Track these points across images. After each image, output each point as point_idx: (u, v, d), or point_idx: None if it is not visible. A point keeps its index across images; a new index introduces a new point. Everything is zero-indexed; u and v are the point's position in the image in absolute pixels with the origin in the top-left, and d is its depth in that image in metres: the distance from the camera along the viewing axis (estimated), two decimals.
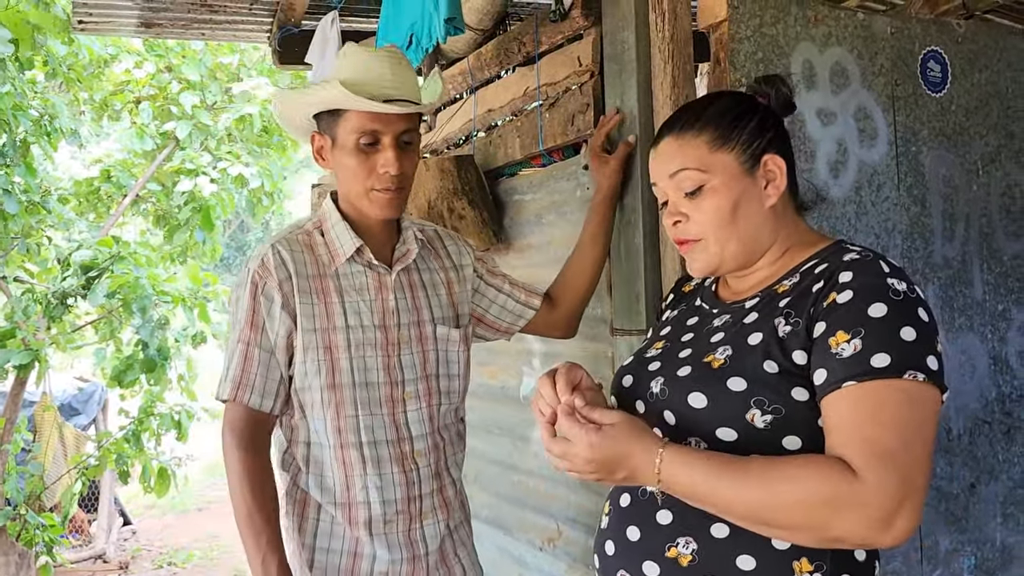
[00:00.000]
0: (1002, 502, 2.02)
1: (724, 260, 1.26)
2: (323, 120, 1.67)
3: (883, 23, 1.93)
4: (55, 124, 5.36)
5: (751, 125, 1.25)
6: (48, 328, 5.43)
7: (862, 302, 1.08)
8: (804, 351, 1.11)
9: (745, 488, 1.05)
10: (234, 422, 1.62)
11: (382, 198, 1.64)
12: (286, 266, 1.63)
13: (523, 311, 1.89)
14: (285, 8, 3.36)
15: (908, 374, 1.04)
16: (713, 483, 1.07)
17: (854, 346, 1.06)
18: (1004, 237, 2.07)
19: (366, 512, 1.65)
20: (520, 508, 2.43)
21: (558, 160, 2.29)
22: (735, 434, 1.13)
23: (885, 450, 1.01)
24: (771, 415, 1.11)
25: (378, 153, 1.62)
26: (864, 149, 1.89)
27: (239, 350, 1.62)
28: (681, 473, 1.09)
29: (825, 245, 1.24)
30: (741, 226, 1.23)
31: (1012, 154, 2.10)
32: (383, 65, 1.63)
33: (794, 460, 1.07)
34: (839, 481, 1.01)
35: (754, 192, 1.24)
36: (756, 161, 1.24)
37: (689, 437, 1.17)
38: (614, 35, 1.96)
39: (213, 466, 9.87)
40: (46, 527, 5.41)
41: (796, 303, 1.16)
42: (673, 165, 1.26)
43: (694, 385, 1.17)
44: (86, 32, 3.95)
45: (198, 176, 6.30)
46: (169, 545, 7.20)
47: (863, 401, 1.04)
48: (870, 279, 1.11)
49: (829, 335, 1.09)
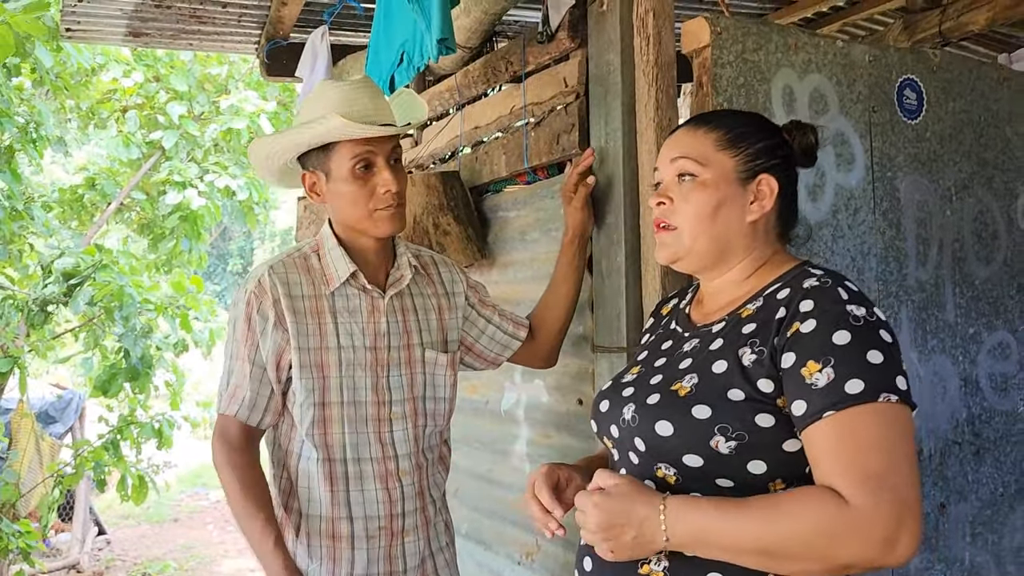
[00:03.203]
0: (971, 522, 2.05)
1: (690, 254, 1.30)
2: (311, 158, 1.72)
3: (861, 51, 1.99)
4: (41, 131, 5.35)
5: (761, 145, 1.30)
6: (28, 335, 5.39)
7: (825, 331, 1.11)
8: (770, 379, 1.14)
9: (750, 527, 1.07)
10: (224, 430, 1.70)
11: (386, 216, 1.70)
12: (281, 287, 1.69)
13: (510, 342, 1.95)
14: (274, 21, 3.38)
15: (882, 397, 1.07)
16: (719, 525, 1.08)
17: (827, 375, 1.08)
18: (976, 261, 2.12)
19: (348, 527, 1.70)
20: (499, 522, 2.45)
21: (543, 178, 2.32)
22: (701, 460, 1.16)
23: (872, 473, 1.04)
24: (735, 441, 1.14)
25: (374, 176, 1.68)
26: (841, 174, 1.93)
27: (235, 367, 1.70)
28: (687, 519, 1.09)
29: (790, 267, 1.28)
30: (717, 227, 1.27)
31: (984, 181, 2.16)
32: (363, 95, 1.70)
33: (789, 495, 1.08)
34: (833, 511, 1.03)
35: (740, 202, 1.28)
36: (752, 176, 1.28)
37: (658, 463, 1.20)
38: (599, 57, 2.00)
39: (190, 476, 9.81)
40: (21, 534, 5.35)
41: (760, 331, 1.19)
42: (677, 151, 1.32)
43: (661, 413, 1.20)
44: (74, 40, 3.96)
45: (186, 188, 6.30)
46: (144, 555, 7.12)
47: (843, 428, 1.07)
48: (829, 306, 1.14)
49: (800, 366, 1.11)
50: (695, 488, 1.17)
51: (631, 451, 1.25)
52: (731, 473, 1.15)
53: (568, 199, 1.96)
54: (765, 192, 1.28)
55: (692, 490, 1.17)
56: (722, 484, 1.16)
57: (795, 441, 1.14)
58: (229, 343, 1.73)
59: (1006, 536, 2.11)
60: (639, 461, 1.24)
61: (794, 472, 1.15)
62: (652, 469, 1.22)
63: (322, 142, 1.68)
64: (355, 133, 1.64)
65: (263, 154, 1.78)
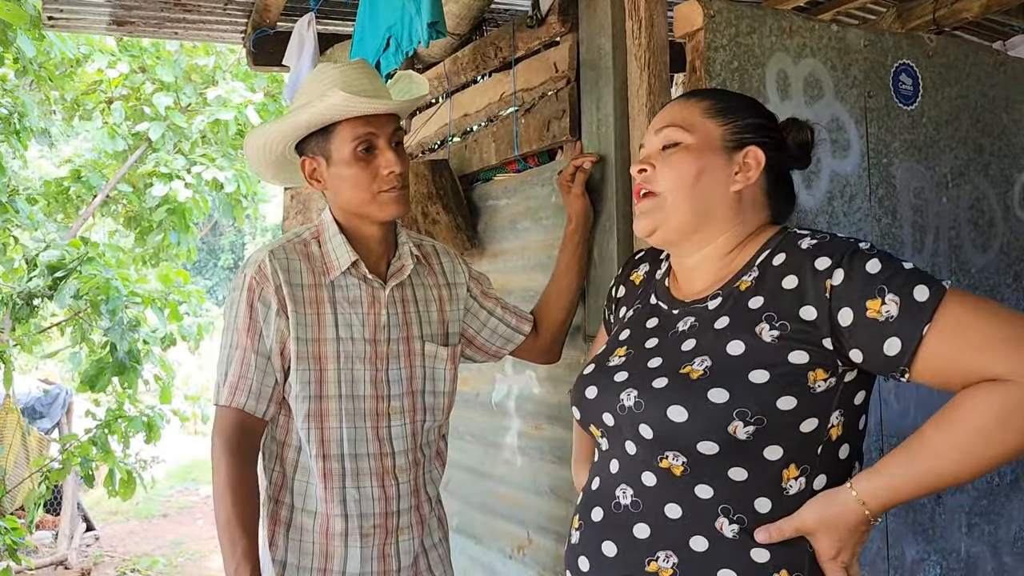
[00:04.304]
0: (967, 512, 2.03)
1: (670, 224, 1.25)
2: (311, 143, 1.67)
3: (856, 36, 1.95)
4: (24, 123, 5.28)
5: (751, 121, 1.27)
6: (13, 329, 5.34)
7: (858, 271, 1.09)
8: (804, 350, 1.10)
9: (935, 462, 1.04)
10: (225, 428, 1.60)
11: (390, 197, 1.64)
12: (282, 273, 1.63)
13: (513, 335, 1.90)
14: (260, 9, 3.33)
15: (945, 283, 1.06)
16: (912, 473, 1.05)
17: (893, 300, 1.06)
18: (972, 249, 2.10)
19: (343, 524, 1.65)
20: (490, 516, 2.41)
21: (534, 166, 2.28)
22: (716, 447, 1.11)
23: (1006, 338, 1.02)
24: (753, 426, 1.09)
25: (376, 157, 1.63)
26: (837, 160, 1.90)
27: (236, 356, 1.62)
28: (877, 484, 1.07)
29: (772, 234, 1.24)
30: (698, 195, 1.23)
31: (980, 168, 2.13)
32: (362, 75, 1.65)
33: (949, 409, 1.04)
34: (1000, 393, 1.00)
35: (724, 171, 1.24)
36: (739, 146, 1.24)
37: (665, 451, 1.15)
38: (591, 42, 1.96)
39: (179, 471, 9.76)
40: (7, 530, 5.30)
41: (773, 303, 1.14)
42: (663, 122, 1.29)
43: (672, 397, 1.14)
44: (56, 29, 3.89)
45: (172, 181, 6.24)
46: (132, 551, 7.07)
47: (948, 327, 1.04)
48: (842, 251, 1.12)
49: (862, 311, 1.07)
50: (703, 478, 1.13)
51: (630, 440, 1.19)
52: (744, 461, 1.11)
53: (566, 188, 1.92)
54: (751, 164, 1.24)
55: (700, 480, 1.13)
56: (734, 476, 1.12)
57: (812, 421, 1.11)
58: (229, 332, 1.65)
59: (1002, 526, 2.09)
60: (640, 450, 1.18)
61: (808, 452, 1.12)
62: (655, 459, 1.16)
63: (323, 121, 1.62)
64: (358, 108, 1.59)
65: (259, 143, 1.71)
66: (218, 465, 1.59)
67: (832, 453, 1.14)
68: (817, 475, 1.13)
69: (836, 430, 1.13)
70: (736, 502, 1.12)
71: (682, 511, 1.15)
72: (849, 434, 1.16)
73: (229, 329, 1.65)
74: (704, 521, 1.13)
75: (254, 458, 1.64)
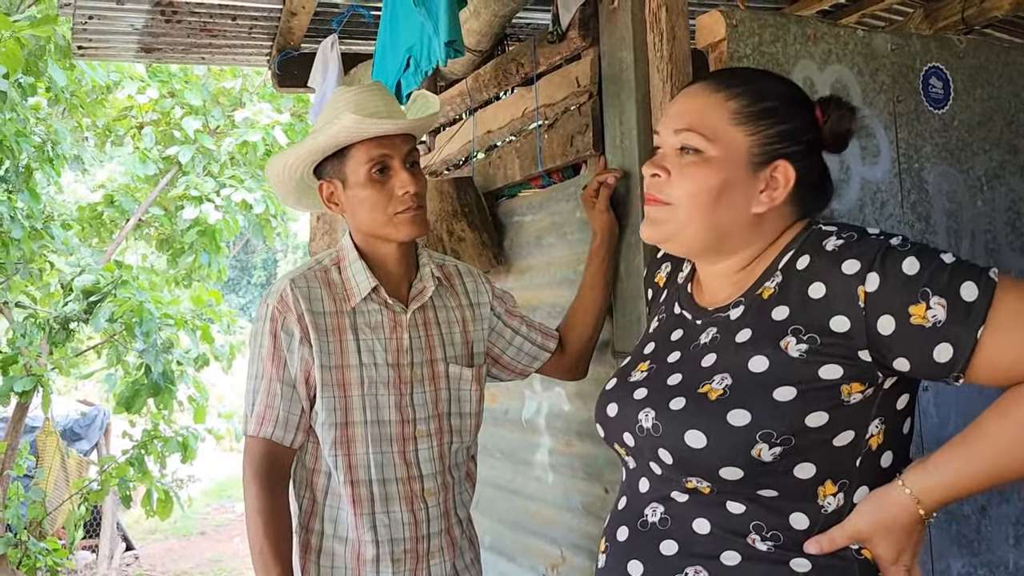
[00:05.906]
0: (1014, 523, 1.97)
1: (681, 238, 1.16)
2: (327, 167, 1.68)
3: (883, 40, 1.92)
4: (58, 150, 5.38)
5: (786, 126, 1.13)
6: (50, 353, 5.43)
7: (894, 273, 1.01)
8: (839, 364, 1.03)
9: (1001, 455, 0.98)
10: (254, 458, 1.62)
11: (406, 219, 1.64)
12: (303, 301, 1.64)
13: (539, 353, 1.89)
14: (284, 32, 3.37)
15: (991, 273, 0.99)
16: (970, 468, 1.00)
17: (939, 303, 0.98)
18: (1010, 252, 2.05)
19: (374, 550, 1.64)
20: (523, 534, 2.39)
21: (558, 181, 2.27)
22: (740, 472, 1.05)
23: None
24: (780, 447, 1.03)
25: (391, 178, 1.63)
26: (867, 167, 1.86)
27: (262, 385, 1.64)
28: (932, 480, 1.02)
29: (796, 232, 1.14)
30: (717, 214, 1.13)
31: (1016, 169, 2.08)
32: (375, 97, 1.66)
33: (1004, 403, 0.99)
34: None
35: (748, 189, 1.13)
36: (768, 161, 1.12)
37: (689, 477, 1.10)
38: (612, 55, 1.95)
39: (215, 489, 9.85)
40: (49, 551, 5.37)
41: (802, 317, 1.07)
42: (684, 122, 1.15)
43: (690, 420, 1.07)
44: (86, 58, 3.96)
45: (203, 203, 6.32)
46: (171, 569, 7.15)
47: (1004, 325, 0.97)
48: (873, 250, 1.03)
49: (906, 319, 0.99)
50: (734, 496, 1.08)
51: (653, 461, 1.14)
52: (774, 482, 1.06)
53: (590, 204, 1.90)
54: (779, 181, 1.12)
55: (730, 498, 1.08)
56: (764, 495, 1.07)
57: (848, 434, 1.04)
58: (254, 362, 1.66)
59: None
60: (665, 472, 1.13)
61: (845, 466, 1.06)
62: (681, 481, 1.11)
63: (336, 144, 1.63)
64: (368, 129, 1.59)
65: (279, 169, 1.73)
66: (249, 494, 1.60)
67: (873, 463, 1.07)
68: (857, 488, 1.07)
69: (876, 439, 1.06)
70: (769, 519, 1.07)
71: (711, 526, 1.09)
72: (892, 441, 1.08)
73: (255, 359, 1.66)
74: (736, 536, 1.08)
75: (284, 486, 1.64)
